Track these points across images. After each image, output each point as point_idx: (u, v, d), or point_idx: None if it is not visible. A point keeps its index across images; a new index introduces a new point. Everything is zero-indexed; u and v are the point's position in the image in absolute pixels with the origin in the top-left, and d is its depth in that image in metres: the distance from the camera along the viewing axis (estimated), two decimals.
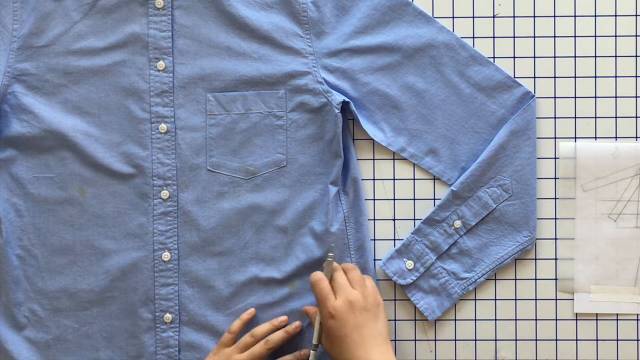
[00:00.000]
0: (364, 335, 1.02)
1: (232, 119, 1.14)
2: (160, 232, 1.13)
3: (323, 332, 1.06)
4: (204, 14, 1.14)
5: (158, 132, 1.14)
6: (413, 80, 1.14)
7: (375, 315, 1.04)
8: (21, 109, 1.14)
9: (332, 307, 1.03)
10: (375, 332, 1.03)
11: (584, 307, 1.16)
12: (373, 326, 1.03)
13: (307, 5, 1.14)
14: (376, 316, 1.04)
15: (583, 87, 1.16)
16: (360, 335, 1.02)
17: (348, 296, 1.04)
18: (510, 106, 1.14)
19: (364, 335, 1.02)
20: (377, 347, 1.02)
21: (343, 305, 1.03)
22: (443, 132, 1.15)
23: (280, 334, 1.10)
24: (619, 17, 1.15)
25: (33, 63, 1.14)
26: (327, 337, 1.05)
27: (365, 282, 1.07)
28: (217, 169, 1.14)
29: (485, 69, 1.14)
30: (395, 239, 1.17)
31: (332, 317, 1.03)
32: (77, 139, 1.13)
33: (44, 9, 1.14)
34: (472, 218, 1.14)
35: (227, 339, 1.10)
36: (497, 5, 1.16)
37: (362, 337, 1.02)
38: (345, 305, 1.03)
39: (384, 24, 1.14)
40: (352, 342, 1.02)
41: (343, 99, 1.13)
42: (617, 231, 1.15)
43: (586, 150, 1.15)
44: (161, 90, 1.14)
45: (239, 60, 1.14)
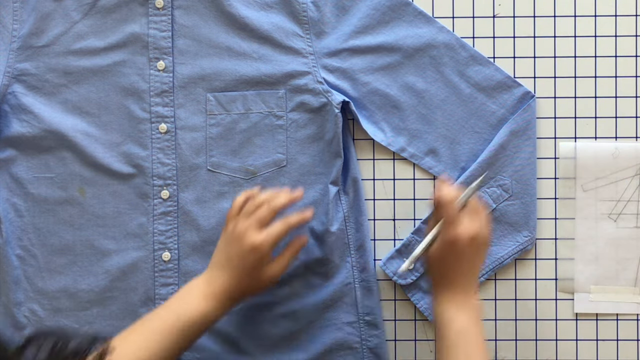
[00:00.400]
0: (471, 269, 1.03)
1: (232, 118, 1.14)
2: (160, 232, 1.13)
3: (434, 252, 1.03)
4: (204, 14, 1.14)
5: (158, 132, 1.14)
6: (413, 80, 1.14)
7: (483, 253, 1.04)
8: (21, 109, 1.14)
9: (455, 235, 1.01)
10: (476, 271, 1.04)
11: (584, 307, 1.16)
12: (477, 262, 1.04)
13: (307, 5, 1.14)
14: (483, 254, 1.04)
15: (583, 87, 1.16)
16: (469, 268, 1.02)
17: (471, 229, 1.02)
18: (510, 106, 1.14)
19: (471, 269, 1.03)
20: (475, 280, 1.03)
21: (466, 237, 1.01)
22: (443, 132, 1.15)
23: (297, 218, 1.05)
24: (619, 17, 1.15)
25: (33, 63, 1.14)
26: (435, 258, 1.03)
27: (486, 217, 1.05)
28: (217, 168, 1.14)
29: (485, 69, 1.14)
30: (395, 239, 1.17)
31: (452, 245, 1.01)
32: (77, 139, 1.13)
33: (44, 9, 1.14)
34: None
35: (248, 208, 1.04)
36: (497, 5, 1.16)
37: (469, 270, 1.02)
38: (467, 238, 1.01)
39: (384, 24, 1.14)
40: (459, 270, 1.02)
41: (343, 98, 1.13)
42: (617, 231, 1.15)
43: (586, 150, 1.15)
44: (161, 90, 1.14)
45: (239, 60, 1.14)
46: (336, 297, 1.14)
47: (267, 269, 1.03)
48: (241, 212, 1.04)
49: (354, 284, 1.15)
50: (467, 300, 1.02)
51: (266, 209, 1.03)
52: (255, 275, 1.03)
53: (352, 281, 1.15)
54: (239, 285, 1.02)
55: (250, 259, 1.02)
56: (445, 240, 1.01)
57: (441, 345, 1.02)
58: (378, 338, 1.15)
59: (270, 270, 1.04)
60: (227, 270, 1.02)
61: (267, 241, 1.02)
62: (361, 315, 1.15)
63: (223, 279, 1.02)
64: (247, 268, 1.02)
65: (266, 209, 1.03)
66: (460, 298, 1.02)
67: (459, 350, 1.00)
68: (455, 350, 1.00)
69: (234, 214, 1.05)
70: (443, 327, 1.02)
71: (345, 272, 1.15)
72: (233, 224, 1.04)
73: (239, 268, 1.02)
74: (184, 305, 1.01)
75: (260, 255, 1.02)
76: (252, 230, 1.02)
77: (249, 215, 1.04)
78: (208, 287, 1.02)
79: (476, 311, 1.02)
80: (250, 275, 1.02)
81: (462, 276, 1.02)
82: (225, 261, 1.03)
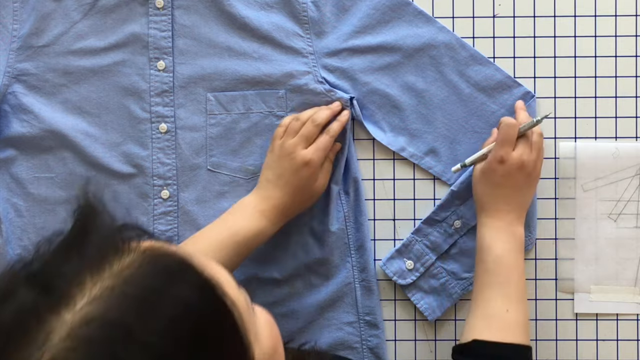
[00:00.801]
0: (516, 196, 1.05)
1: (232, 118, 1.14)
2: (160, 232, 1.13)
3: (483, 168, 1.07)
4: (204, 14, 1.14)
5: (158, 131, 1.14)
6: (413, 80, 1.14)
7: (532, 184, 1.07)
8: (21, 109, 1.14)
9: (506, 154, 1.04)
10: (524, 199, 1.06)
11: (584, 307, 1.16)
12: (527, 192, 1.07)
13: (307, 4, 1.13)
14: (532, 185, 1.07)
15: (583, 87, 1.16)
16: (513, 193, 1.05)
17: (524, 154, 1.05)
18: (510, 106, 1.14)
19: (516, 196, 1.05)
20: (519, 211, 1.06)
21: (517, 159, 1.04)
22: (443, 132, 1.14)
23: (338, 124, 1.11)
24: (619, 17, 1.15)
25: (33, 63, 1.14)
26: (484, 175, 1.06)
27: (541, 152, 1.08)
28: (218, 168, 1.14)
29: (485, 68, 1.14)
30: (395, 239, 1.17)
31: (502, 163, 1.04)
32: (77, 138, 1.13)
33: (44, 9, 1.14)
34: (472, 218, 1.13)
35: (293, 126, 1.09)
36: (497, 5, 1.16)
37: (513, 196, 1.05)
38: (518, 160, 1.04)
39: (384, 24, 1.14)
40: (502, 193, 1.05)
41: (350, 96, 1.13)
42: (617, 231, 1.15)
43: (586, 150, 1.15)
44: (161, 90, 1.14)
45: (239, 59, 1.14)
46: (336, 297, 1.14)
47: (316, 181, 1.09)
48: (286, 131, 1.09)
49: (354, 284, 1.15)
50: (509, 228, 1.04)
51: (311, 125, 1.08)
52: (308, 189, 1.08)
53: (352, 281, 1.15)
54: (292, 200, 1.08)
55: (303, 173, 1.07)
56: (495, 157, 1.05)
57: (479, 269, 1.04)
58: (378, 338, 1.15)
59: (318, 183, 1.09)
60: (280, 187, 1.07)
61: (317, 154, 1.08)
62: (361, 315, 1.15)
63: (277, 195, 1.07)
64: (301, 183, 1.07)
65: (311, 125, 1.08)
66: (503, 225, 1.04)
67: (496, 276, 1.02)
68: (492, 275, 1.02)
69: (280, 134, 1.09)
70: (482, 251, 1.04)
71: (345, 272, 1.15)
72: (280, 142, 1.09)
73: (291, 184, 1.07)
74: (240, 222, 1.05)
75: (312, 169, 1.08)
76: (301, 147, 1.08)
77: (294, 133, 1.09)
78: (262, 204, 1.07)
79: (518, 240, 1.05)
80: (303, 189, 1.08)
81: (505, 202, 1.05)
82: (276, 178, 1.08)
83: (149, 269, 0.60)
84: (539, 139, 1.07)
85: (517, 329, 1.00)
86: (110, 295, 0.58)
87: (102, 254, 0.60)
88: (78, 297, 0.58)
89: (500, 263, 1.02)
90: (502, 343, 0.99)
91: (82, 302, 0.57)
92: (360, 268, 1.14)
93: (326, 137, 1.09)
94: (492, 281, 1.02)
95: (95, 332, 0.56)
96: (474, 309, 1.03)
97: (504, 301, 1.01)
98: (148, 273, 0.60)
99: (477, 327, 1.01)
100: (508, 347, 0.99)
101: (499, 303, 1.01)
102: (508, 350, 0.99)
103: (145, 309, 0.58)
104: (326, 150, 1.09)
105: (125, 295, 0.58)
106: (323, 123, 1.09)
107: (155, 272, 0.60)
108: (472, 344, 0.99)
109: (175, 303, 0.59)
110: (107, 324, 0.56)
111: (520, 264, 1.04)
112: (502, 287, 1.02)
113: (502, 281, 1.02)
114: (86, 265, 0.59)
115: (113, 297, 0.58)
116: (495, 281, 1.02)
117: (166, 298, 0.59)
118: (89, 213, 0.62)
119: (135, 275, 0.60)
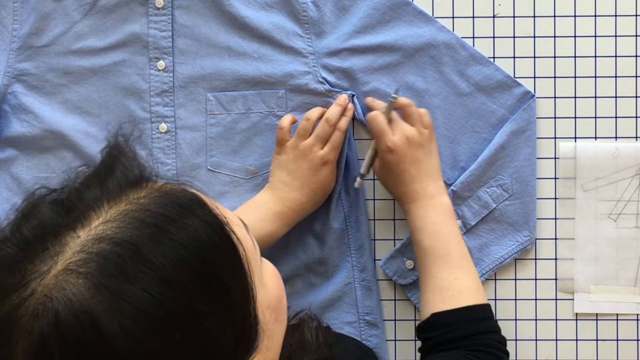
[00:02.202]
0: (421, 170, 1.06)
1: (232, 118, 1.14)
2: None
3: (380, 165, 1.08)
4: (204, 14, 1.14)
5: (158, 131, 1.14)
6: (413, 80, 1.14)
7: (430, 151, 1.07)
8: (21, 109, 1.14)
9: (391, 142, 1.05)
10: (431, 167, 1.07)
11: (584, 307, 1.16)
12: (428, 161, 1.07)
13: (307, 4, 1.14)
14: (430, 151, 1.07)
15: (583, 87, 1.16)
16: (417, 170, 1.06)
17: (405, 132, 1.06)
18: (510, 106, 1.14)
19: (421, 170, 1.06)
20: (433, 181, 1.06)
21: (400, 140, 1.06)
22: (443, 132, 1.14)
23: (346, 119, 1.12)
24: (619, 17, 1.15)
25: (33, 63, 1.14)
26: (383, 170, 1.08)
27: (421, 118, 1.08)
28: (218, 168, 1.14)
29: (485, 68, 1.14)
30: (395, 239, 1.17)
31: (391, 152, 1.05)
32: (77, 138, 1.13)
33: (44, 9, 1.14)
34: (472, 218, 1.13)
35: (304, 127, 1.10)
36: (497, 5, 1.16)
37: (419, 172, 1.06)
38: (402, 141, 1.05)
39: (384, 24, 1.14)
40: (409, 176, 1.06)
41: (351, 93, 1.13)
42: (617, 231, 1.15)
43: (586, 150, 1.15)
44: (161, 90, 1.14)
45: (239, 59, 1.14)
46: (336, 297, 1.14)
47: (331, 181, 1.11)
48: (297, 132, 1.10)
49: (354, 284, 1.15)
50: (432, 202, 1.05)
51: (327, 125, 1.09)
52: (324, 189, 1.10)
53: (352, 281, 1.15)
54: (308, 201, 1.09)
55: (323, 173, 1.09)
56: (382, 149, 1.06)
57: (418, 251, 1.05)
58: (378, 338, 1.15)
59: (332, 181, 1.11)
60: (297, 188, 1.08)
61: (333, 154, 1.09)
62: (361, 315, 1.15)
63: (294, 196, 1.08)
64: (318, 183, 1.09)
65: (327, 125, 1.09)
66: (425, 203, 1.05)
67: (435, 250, 1.03)
68: (431, 251, 1.03)
69: (284, 136, 1.10)
70: (415, 233, 1.05)
71: (345, 272, 1.15)
72: (293, 143, 1.09)
73: (309, 185, 1.08)
74: (252, 222, 1.03)
75: (330, 168, 1.09)
76: (317, 147, 1.08)
77: (306, 133, 1.09)
78: (278, 205, 1.07)
79: (446, 209, 1.06)
80: (319, 189, 1.09)
81: (415, 180, 1.05)
82: (292, 179, 1.08)
83: (163, 200, 0.64)
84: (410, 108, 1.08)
85: (469, 294, 1.01)
86: (124, 218, 0.62)
87: (122, 187, 0.65)
88: (94, 219, 0.62)
89: (435, 238, 1.04)
90: (458, 308, 0.99)
91: (97, 222, 0.62)
92: (361, 268, 1.14)
93: (339, 134, 1.10)
94: (433, 256, 1.03)
95: (107, 248, 0.60)
96: (424, 287, 1.03)
97: (449, 271, 1.02)
98: (162, 203, 0.64)
99: (431, 302, 1.01)
100: (465, 310, 1.00)
101: (445, 274, 1.02)
102: (466, 314, 1.00)
103: (157, 234, 0.61)
104: (340, 147, 1.11)
105: (139, 220, 0.62)
106: (337, 121, 1.10)
107: (168, 203, 0.64)
108: (430, 318, 1.00)
109: (186, 232, 0.62)
110: (118, 243, 0.60)
111: (455, 232, 1.05)
112: (444, 259, 1.03)
113: (443, 254, 1.03)
114: (105, 194, 0.64)
115: (127, 220, 0.62)
116: (435, 255, 1.03)
117: (177, 226, 0.62)
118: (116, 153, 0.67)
119: (149, 204, 0.64)
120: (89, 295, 0.58)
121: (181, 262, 0.61)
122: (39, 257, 0.60)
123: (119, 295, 0.58)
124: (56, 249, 0.60)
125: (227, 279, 0.64)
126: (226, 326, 0.63)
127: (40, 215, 0.63)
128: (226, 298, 0.64)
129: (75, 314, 0.58)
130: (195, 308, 0.61)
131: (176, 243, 0.62)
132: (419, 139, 1.06)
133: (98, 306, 0.58)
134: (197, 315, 0.61)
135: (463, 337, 0.97)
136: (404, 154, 1.05)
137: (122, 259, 0.59)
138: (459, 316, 0.99)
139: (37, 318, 0.58)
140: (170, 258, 0.61)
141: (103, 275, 0.59)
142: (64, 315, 0.58)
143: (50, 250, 0.60)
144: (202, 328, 0.61)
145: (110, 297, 0.58)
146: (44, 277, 0.59)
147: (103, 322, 0.58)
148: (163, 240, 0.61)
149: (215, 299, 0.63)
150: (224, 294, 0.64)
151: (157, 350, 0.59)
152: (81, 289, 0.58)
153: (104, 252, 0.60)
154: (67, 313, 0.58)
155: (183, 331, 0.60)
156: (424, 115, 1.09)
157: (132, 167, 0.67)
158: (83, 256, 0.59)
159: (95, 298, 0.58)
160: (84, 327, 0.58)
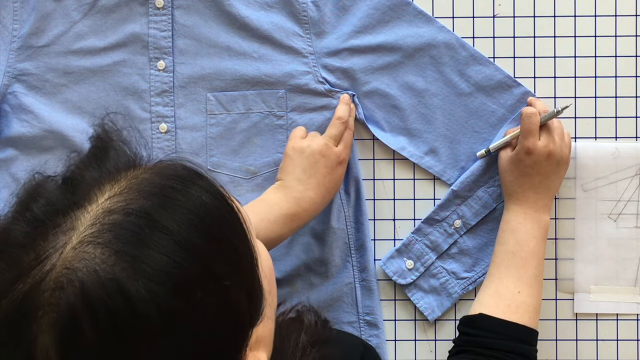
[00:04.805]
0: (543, 183, 1.07)
1: (232, 118, 1.14)
2: None
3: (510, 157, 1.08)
4: (204, 14, 1.14)
5: (158, 131, 1.14)
6: (413, 80, 1.14)
7: (559, 171, 1.08)
8: (21, 109, 1.14)
9: (534, 146, 1.06)
10: (552, 186, 1.08)
11: (584, 307, 1.16)
12: (554, 179, 1.08)
13: (307, 4, 1.14)
14: (559, 172, 1.08)
15: (583, 87, 1.16)
16: (540, 182, 1.07)
17: (550, 144, 1.07)
18: (510, 106, 1.14)
19: (543, 183, 1.07)
20: (547, 199, 1.08)
21: (543, 149, 1.06)
22: (443, 132, 1.15)
23: (352, 119, 1.13)
24: (619, 17, 1.15)
25: (33, 63, 1.14)
26: (510, 163, 1.08)
27: (566, 137, 1.09)
28: (218, 168, 1.14)
29: (485, 68, 1.14)
30: (395, 239, 1.17)
31: (529, 154, 1.06)
32: (77, 138, 1.13)
33: (44, 9, 1.14)
34: (473, 217, 1.14)
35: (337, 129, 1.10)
36: (497, 5, 1.16)
37: (541, 183, 1.07)
38: (545, 150, 1.06)
39: (384, 24, 1.14)
40: (530, 183, 1.07)
41: (351, 92, 1.13)
42: (617, 231, 1.15)
43: (586, 150, 1.15)
44: (161, 90, 1.14)
45: (239, 59, 1.14)
46: (336, 297, 1.14)
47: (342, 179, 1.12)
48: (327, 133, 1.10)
49: (354, 284, 1.15)
50: (535, 215, 1.06)
51: (339, 123, 1.10)
52: (337, 188, 1.11)
53: (353, 281, 1.15)
54: (322, 200, 1.09)
55: (338, 172, 1.09)
56: (522, 148, 1.06)
57: (499, 249, 1.06)
58: (378, 338, 1.15)
59: (342, 180, 1.12)
60: (312, 187, 1.07)
61: (346, 152, 1.10)
62: (361, 315, 1.15)
63: (309, 196, 1.07)
64: (333, 182, 1.09)
65: (339, 123, 1.10)
66: (530, 212, 1.06)
67: (515, 258, 1.04)
68: (511, 256, 1.04)
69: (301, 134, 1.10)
70: (505, 233, 1.06)
71: (345, 272, 1.15)
72: (307, 142, 1.09)
73: (324, 184, 1.08)
74: (258, 224, 1.02)
75: (344, 166, 1.10)
76: (332, 145, 1.09)
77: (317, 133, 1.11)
78: (293, 207, 1.07)
79: (543, 228, 1.07)
80: (333, 188, 1.10)
81: (533, 190, 1.06)
82: (308, 178, 1.08)
83: (164, 173, 0.66)
84: (559, 126, 1.09)
85: (525, 311, 1.01)
86: (129, 192, 0.63)
87: (118, 168, 0.67)
88: (99, 195, 0.64)
89: (522, 246, 1.05)
90: (508, 321, 1.00)
91: (103, 198, 0.63)
92: (361, 268, 1.14)
93: (349, 132, 1.11)
94: (510, 262, 1.04)
95: (119, 218, 0.61)
96: (487, 285, 1.04)
97: (517, 283, 1.03)
98: (164, 175, 0.66)
99: (485, 303, 1.02)
100: (513, 326, 1.00)
101: (512, 283, 1.03)
102: (513, 329, 1.00)
103: (165, 202, 0.63)
104: (351, 145, 1.12)
105: (145, 192, 0.64)
106: (347, 121, 1.11)
107: (170, 176, 0.66)
108: (478, 316, 1.01)
109: (192, 199, 0.65)
110: (130, 212, 0.62)
111: (541, 252, 1.06)
112: (519, 270, 1.04)
113: (520, 264, 1.04)
114: (104, 175, 0.66)
115: (132, 193, 0.64)
116: (512, 262, 1.04)
117: (182, 195, 0.64)
118: (106, 138, 0.69)
119: (151, 177, 0.65)
120: (111, 262, 0.59)
121: (193, 226, 0.63)
122: (52, 234, 0.61)
123: (140, 259, 0.60)
124: (68, 225, 0.61)
125: (236, 242, 0.66)
126: (240, 287, 0.65)
127: (47, 193, 0.64)
128: (237, 260, 0.66)
129: (101, 282, 0.59)
130: (211, 268, 0.63)
131: (184, 209, 0.63)
132: (558, 156, 1.07)
133: (122, 272, 0.59)
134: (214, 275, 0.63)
135: (499, 349, 0.98)
136: (538, 162, 1.06)
137: (137, 227, 0.61)
138: (505, 328, 1.00)
139: (63, 290, 0.59)
140: (183, 223, 0.62)
141: (121, 242, 0.60)
142: (90, 285, 0.59)
143: (63, 227, 0.61)
144: (220, 287, 0.63)
145: (132, 262, 0.60)
146: (62, 252, 0.60)
147: (128, 286, 0.59)
148: (173, 207, 0.63)
149: (228, 260, 0.65)
150: (234, 256, 0.66)
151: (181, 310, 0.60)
152: (103, 257, 0.59)
153: (118, 222, 0.61)
154: (92, 282, 0.59)
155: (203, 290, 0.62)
156: (567, 136, 1.10)
157: (124, 150, 0.69)
158: (98, 227, 0.61)
159: (118, 265, 0.59)
160: (110, 294, 0.59)
